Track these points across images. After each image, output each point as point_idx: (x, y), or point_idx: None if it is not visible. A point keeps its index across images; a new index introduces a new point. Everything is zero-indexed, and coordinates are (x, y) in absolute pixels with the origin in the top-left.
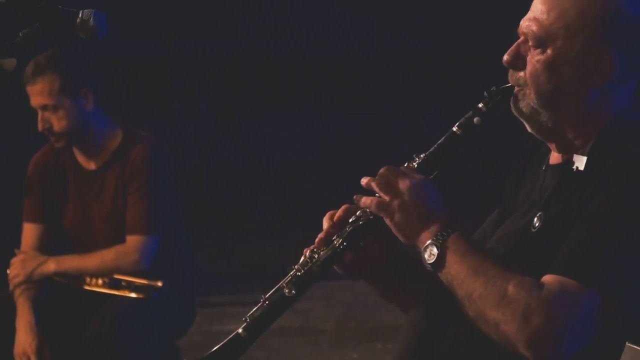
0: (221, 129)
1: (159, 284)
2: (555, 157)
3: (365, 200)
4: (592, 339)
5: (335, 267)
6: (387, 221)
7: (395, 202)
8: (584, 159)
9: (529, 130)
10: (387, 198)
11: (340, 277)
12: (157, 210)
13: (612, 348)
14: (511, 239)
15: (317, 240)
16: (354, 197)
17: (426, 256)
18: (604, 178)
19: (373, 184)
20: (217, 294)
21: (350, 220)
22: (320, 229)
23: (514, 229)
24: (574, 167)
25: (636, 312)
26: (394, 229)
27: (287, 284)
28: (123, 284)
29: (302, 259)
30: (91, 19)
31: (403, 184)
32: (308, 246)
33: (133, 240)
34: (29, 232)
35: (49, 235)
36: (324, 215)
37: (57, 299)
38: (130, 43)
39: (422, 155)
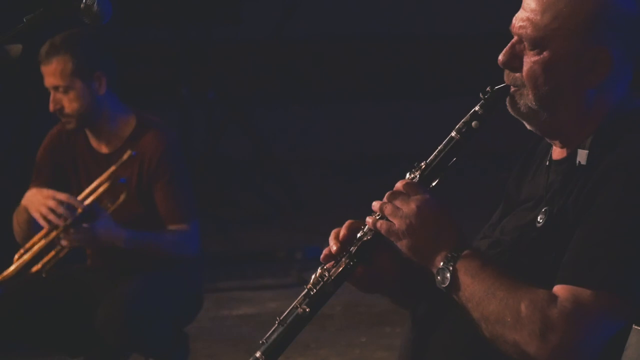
0: (229, 116)
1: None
2: (557, 153)
3: (373, 223)
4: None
5: (348, 283)
6: (398, 245)
7: (404, 227)
8: (585, 153)
9: (529, 127)
10: (395, 223)
11: None
12: (191, 194)
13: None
14: (517, 232)
15: (322, 257)
16: (366, 219)
17: (439, 279)
18: (605, 173)
19: (381, 209)
20: (225, 280)
21: (357, 236)
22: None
23: (519, 224)
24: (577, 161)
25: None
26: (405, 253)
27: (300, 303)
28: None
29: (314, 277)
30: (95, 4)
31: (409, 208)
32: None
33: (188, 228)
34: None
35: None
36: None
37: (63, 285)
38: (137, 30)
39: (422, 165)
